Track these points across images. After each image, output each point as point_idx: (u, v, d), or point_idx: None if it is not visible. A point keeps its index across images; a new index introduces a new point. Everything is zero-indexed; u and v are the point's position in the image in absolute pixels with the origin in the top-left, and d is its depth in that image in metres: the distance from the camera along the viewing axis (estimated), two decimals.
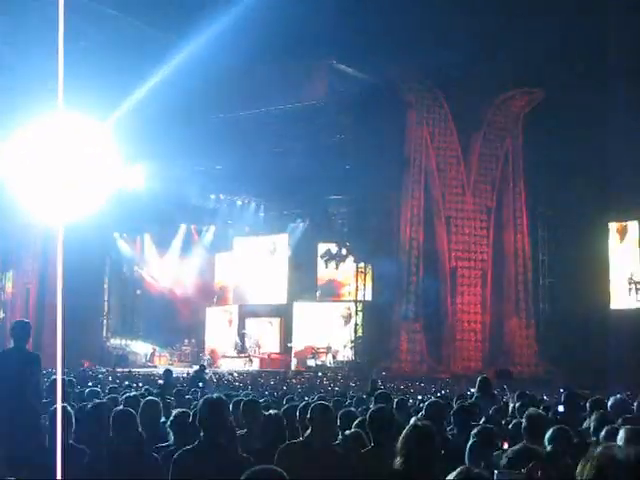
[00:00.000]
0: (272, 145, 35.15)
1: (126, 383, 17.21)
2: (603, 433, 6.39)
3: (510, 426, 7.32)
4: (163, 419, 7.70)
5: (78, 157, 4.46)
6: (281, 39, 26.85)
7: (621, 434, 5.62)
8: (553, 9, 25.69)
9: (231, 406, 7.29)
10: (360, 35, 26.89)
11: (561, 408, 8.60)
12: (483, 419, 8.11)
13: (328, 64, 28.95)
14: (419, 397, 13.26)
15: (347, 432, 7.01)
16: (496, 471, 4.20)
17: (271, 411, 7.38)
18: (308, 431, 6.52)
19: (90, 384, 13.25)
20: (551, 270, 31.10)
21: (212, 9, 25.22)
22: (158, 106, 30.42)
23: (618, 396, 8.84)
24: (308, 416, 6.59)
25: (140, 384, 16.92)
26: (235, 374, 30.39)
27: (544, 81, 29.68)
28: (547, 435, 6.01)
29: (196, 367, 24.34)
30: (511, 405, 10.09)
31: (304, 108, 31.03)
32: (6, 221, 38.64)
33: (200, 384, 16.38)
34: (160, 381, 14.45)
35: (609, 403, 8.48)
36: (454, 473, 4.01)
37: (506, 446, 6.65)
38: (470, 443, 5.77)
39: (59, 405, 4.93)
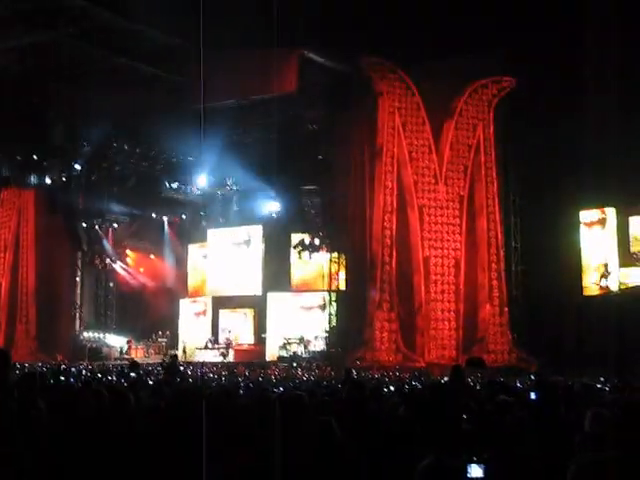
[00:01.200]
0: (245, 136, 35.14)
1: (99, 376, 17.11)
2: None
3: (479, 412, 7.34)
4: None
5: None
6: (251, 29, 26.79)
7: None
8: None
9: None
10: (331, 24, 26.87)
11: (533, 395, 8.63)
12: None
13: (299, 54, 28.90)
14: (391, 388, 13.24)
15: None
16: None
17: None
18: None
19: (62, 378, 13.15)
20: (524, 258, 31.29)
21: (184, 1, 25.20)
22: (131, 98, 30.51)
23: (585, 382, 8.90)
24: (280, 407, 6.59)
25: (113, 377, 16.81)
26: (210, 365, 30.36)
27: (515, 69, 29.80)
28: None
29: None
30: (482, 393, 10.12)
31: (275, 98, 30.96)
32: None
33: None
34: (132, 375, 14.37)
35: (574, 389, 8.55)
36: (425, 462, 4.03)
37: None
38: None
39: None
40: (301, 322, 35.82)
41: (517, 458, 5.35)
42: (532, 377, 19.18)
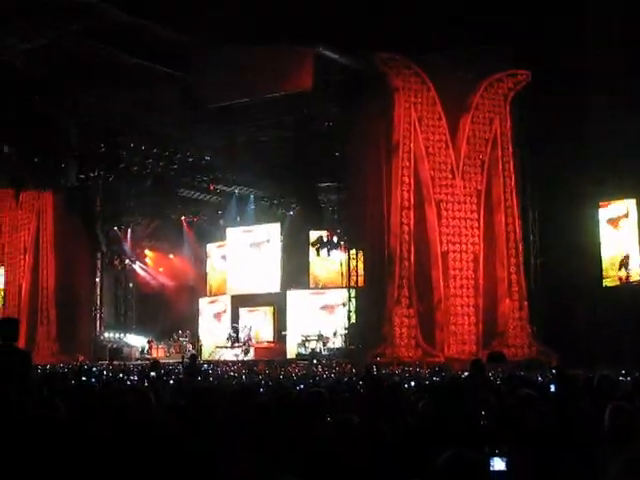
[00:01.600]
0: (260, 134, 35.18)
1: (120, 376, 17.18)
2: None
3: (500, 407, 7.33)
4: None
5: None
6: (266, 27, 26.81)
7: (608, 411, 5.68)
8: None
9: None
10: (345, 21, 26.85)
11: (552, 387, 8.63)
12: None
13: (313, 51, 28.88)
14: (412, 383, 13.22)
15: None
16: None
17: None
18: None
19: (84, 378, 13.22)
20: (542, 251, 31.18)
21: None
22: (147, 98, 30.57)
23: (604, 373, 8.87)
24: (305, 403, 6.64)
25: (134, 377, 16.89)
26: (230, 364, 30.45)
27: (531, 62, 29.69)
28: None
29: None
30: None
31: (291, 96, 30.99)
32: None
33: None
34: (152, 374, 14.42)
35: (595, 381, 8.53)
36: (446, 454, 4.02)
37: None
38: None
39: None
40: (320, 319, 35.88)
41: (539, 451, 5.34)
42: (553, 370, 19.12)
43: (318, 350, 33.71)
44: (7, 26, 26.75)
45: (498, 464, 4.32)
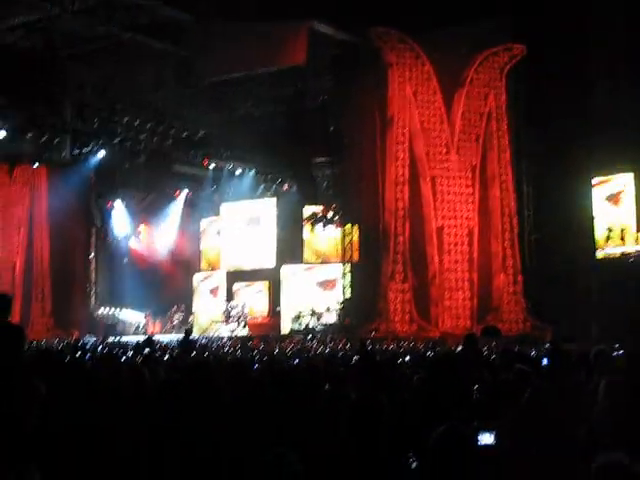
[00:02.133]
0: (254, 109, 35.08)
1: (114, 352, 17.18)
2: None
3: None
4: None
5: None
6: (261, 1, 26.71)
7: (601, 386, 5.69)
8: None
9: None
10: None
11: (545, 361, 8.66)
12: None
13: (307, 26, 28.74)
14: (407, 358, 13.26)
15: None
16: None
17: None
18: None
19: (78, 354, 13.23)
20: (537, 226, 31.19)
21: None
22: (141, 74, 30.46)
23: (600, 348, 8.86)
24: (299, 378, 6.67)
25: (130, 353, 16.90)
26: (225, 339, 30.49)
27: (526, 36, 29.57)
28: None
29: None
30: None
31: (285, 71, 30.89)
32: None
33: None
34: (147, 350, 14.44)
35: (591, 355, 8.54)
36: (438, 430, 4.04)
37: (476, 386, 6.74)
38: None
39: None
40: (315, 294, 35.89)
41: (528, 425, 5.36)
42: (547, 345, 19.17)
43: (312, 326, 33.73)
44: (5, 2, 26.64)
45: (486, 438, 4.36)
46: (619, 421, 5.35)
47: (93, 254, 38.96)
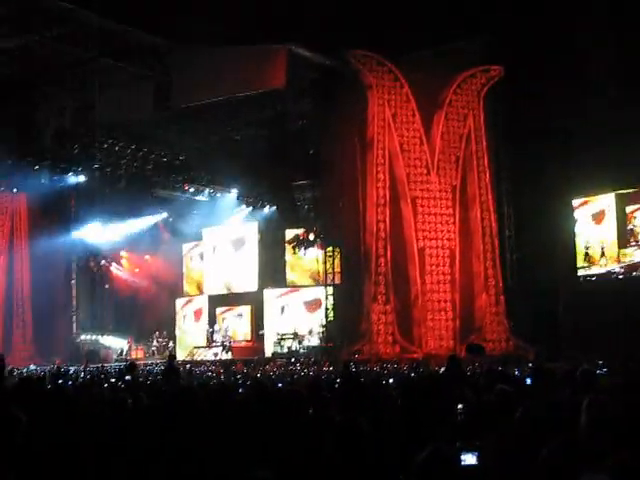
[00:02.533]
0: (234, 133, 35.15)
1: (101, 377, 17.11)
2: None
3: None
4: None
5: None
6: (238, 25, 26.80)
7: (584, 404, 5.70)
8: None
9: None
10: (317, 18, 26.87)
11: (528, 381, 8.67)
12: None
13: (286, 49, 28.84)
14: (391, 380, 13.25)
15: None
16: None
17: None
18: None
19: (60, 381, 13.15)
20: (518, 246, 31.30)
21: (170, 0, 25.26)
22: (117, 100, 30.46)
23: (584, 367, 8.88)
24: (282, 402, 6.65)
25: (112, 380, 16.83)
26: (208, 363, 30.39)
27: (502, 56, 29.78)
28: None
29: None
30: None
31: (265, 95, 30.96)
32: None
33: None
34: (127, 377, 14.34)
35: (577, 374, 8.55)
36: (425, 451, 4.04)
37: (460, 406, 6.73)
38: None
39: None
40: (298, 317, 35.85)
41: (512, 445, 5.35)
42: (530, 365, 19.22)
43: (294, 348, 33.67)
44: None
45: (469, 459, 4.36)
46: (602, 440, 5.35)
47: (74, 281, 38.79)
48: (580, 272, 30.70)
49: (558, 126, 28.47)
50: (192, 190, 38.64)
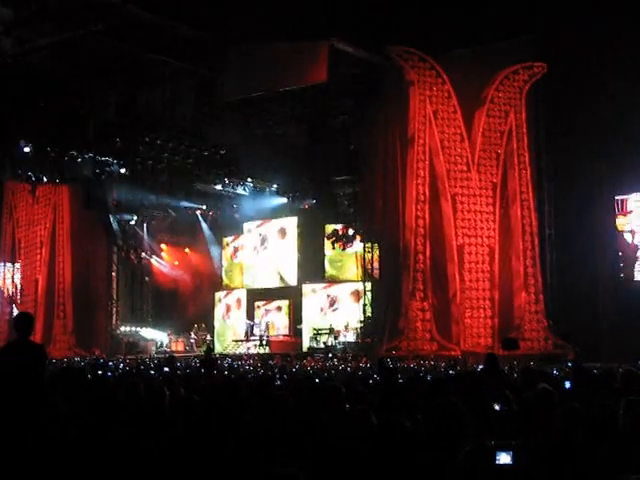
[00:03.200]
0: (276, 128, 35.19)
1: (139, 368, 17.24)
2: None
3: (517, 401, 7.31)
4: None
5: None
6: (280, 20, 26.82)
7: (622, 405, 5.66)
8: None
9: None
10: (360, 14, 26.83)
11: (567, 384, 8.60)
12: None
13: (328, 45, 28.82)
14: (428, 377, 13.22)
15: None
16: None
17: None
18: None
19: (99, 372, 13.28)
20: (558, 244, 31.02)
21: None
22: (162, 94, 30.68)
23: (626, 368, 8.82)
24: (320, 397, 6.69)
25: (152, 372, 16.98)
26: (245, 357, 30.52)
27: (546, 54, 29.56)
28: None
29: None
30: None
31: (306, 90, 30.97)
32: (12, 212, 38.90)
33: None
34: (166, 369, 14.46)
35: (617, 375, 8.48)
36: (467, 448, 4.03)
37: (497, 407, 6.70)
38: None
39: None
40: (336, 312, 35.91)
41: (549, 445, 5.33)
42: (569, 364, 19.08)
43: (330, 344, 33.73)
44: (31, 24, 26.91)
45: (504, 458, 4.34)
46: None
47: (114, 273, 39.13)
48: (622, 271, 30.35)
49: (601, 123, 28.15)
50: (233, 184, 38.78)
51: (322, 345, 33.98)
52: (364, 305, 33.14)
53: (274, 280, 39.51)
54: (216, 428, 5.88)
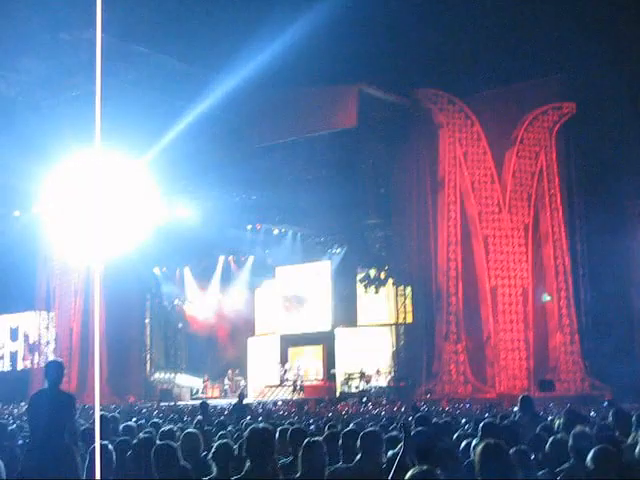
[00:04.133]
0: (305, 173, 35.32)
1: (171, 416, 17.22)
2: None
3: (553, 444, 7.23)
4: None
5: (116, 194, 4.52)
6: (310, 66, 27.06)
7: None
8: (576, 22, 25.71)
9: (277, 435, 7.28)
10: (388, 58, 27.05)
11: (606, 422, 8.50)
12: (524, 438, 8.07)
13: (357, 89, 29.03)
14: (462, 420, 13.10)
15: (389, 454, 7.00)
16: None
17: (313, 438, 7.33)
18: (358, 457, 6.60)
19: (134, 419, 13.27)
20: (592, 284, 30.77)
21: (243, 44, 25.56)
22: (193, 140, 30.86)
23: None
24: (358, 442, 6.66)
25: (186, 418, 16.96)
26: (280, 403, 30.40)
27: (574, 93, 29.58)
28: (590, 454, 5.94)
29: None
30: (557, 422, 9.97)
31: (336, 134, 31.15)
32: (47, 261, 39.23)
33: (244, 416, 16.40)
34: (199, 416, 14.41)
35: None
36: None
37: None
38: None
39: (97, 444, 4.92)
40: (369, 356, 35.72)
41: None
42: (606, 404, 18.82)
43: (361, 388, 33.55)
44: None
45: None
46: None
47: (148, 319, 39.28)
48: None
49: (633, 161, 28.05)
50: (264, 230, 38.92)
51: (354, 390, 33.79)
52: (397, 348, 32.98)
53: (307, 325, 39.42)
54: (258, 473, 5.87)
